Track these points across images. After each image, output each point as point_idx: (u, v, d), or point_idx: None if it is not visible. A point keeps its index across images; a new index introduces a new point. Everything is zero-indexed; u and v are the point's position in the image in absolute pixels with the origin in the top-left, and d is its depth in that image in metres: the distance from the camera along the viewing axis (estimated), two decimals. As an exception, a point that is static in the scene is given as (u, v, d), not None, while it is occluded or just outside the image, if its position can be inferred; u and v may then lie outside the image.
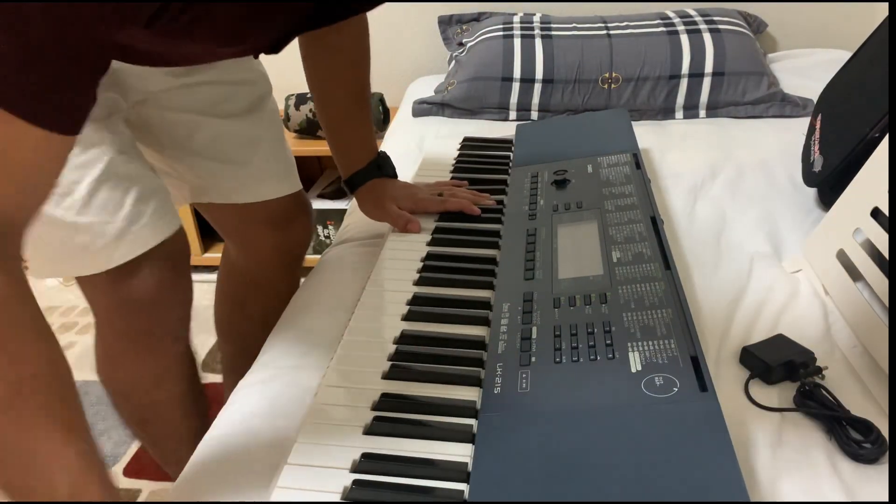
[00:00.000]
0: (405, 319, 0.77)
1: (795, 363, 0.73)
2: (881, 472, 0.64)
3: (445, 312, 0.78)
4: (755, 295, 0.88)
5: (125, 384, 0.97)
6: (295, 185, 1.07)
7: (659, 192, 1.16)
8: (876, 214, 0.80)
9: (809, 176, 1.08)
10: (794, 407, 0.70)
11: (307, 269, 1.08)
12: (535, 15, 1.68)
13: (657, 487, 0.51)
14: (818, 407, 0.69)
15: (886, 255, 0.76)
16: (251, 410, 0.75)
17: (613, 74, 1.52)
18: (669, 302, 0.70)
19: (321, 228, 1.99)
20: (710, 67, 1.50)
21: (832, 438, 0.67)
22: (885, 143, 0.81)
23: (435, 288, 0.83)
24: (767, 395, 0.73)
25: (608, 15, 1.67)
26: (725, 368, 0.76)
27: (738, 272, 0.93)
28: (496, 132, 1.37)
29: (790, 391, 0.72)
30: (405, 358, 0.71)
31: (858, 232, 0.83)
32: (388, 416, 0.64)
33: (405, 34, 1.94)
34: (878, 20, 1.14)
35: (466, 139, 1.28)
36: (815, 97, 1.25)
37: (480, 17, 1.81)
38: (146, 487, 1.32)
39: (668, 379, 0.61)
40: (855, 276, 0.82)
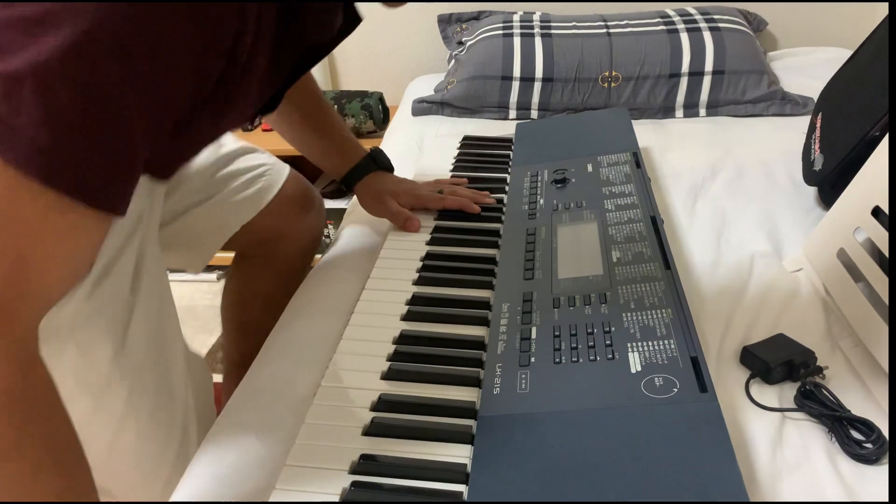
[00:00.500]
0: (404, 319, 0.77)
1: (796, 363, 0.73)
2: (882, 471, 0.63)
3: (444, 312, 0.78)
4: (755, 294, 0.88)
5: None
6: (280, 172, 1.06)
7: (659, 191, 1.15)
8: (877, 213, 0.80)
9: (810, 174, 1.08)
10: (794, 407, 0.70)
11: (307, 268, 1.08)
12: (534, 13, 1.67)
13: (657, 488, 0.51)
14: (819, 407, 0.69)
15: (887, 254, 0.76)
16: (247, 414, 0.75)
17: (613, 73, 1.51)
18: (669, 302, 0.70)
19: (321, 228, 1.99)
20: (710, 66, 1.49)
21: (833, 438, 0.67)
22: (885, 141, 0.81)
23: (434, 288, 0.83)
24: (768, 394, 0.72)
25: (608, 13, 1.66)
26: (726, 368, 0.76)
27: (738, 271, 0.93)
28: (496, 131, 1.36)
29: (791, 391, 0.72)
30: (404, 358, 0.71)
31: (859, 231, 0.83)
32: (386, 417, 0.64)
33: (405, 33, 1.93)
34: (878, 19, 1.13)
35: (466, 138, 1.28)
36: (815, 95, 1.25)
37: (480, 15, 1.81)
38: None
39: (667, 379, 0.60)
40: (856, 275, 0.82)
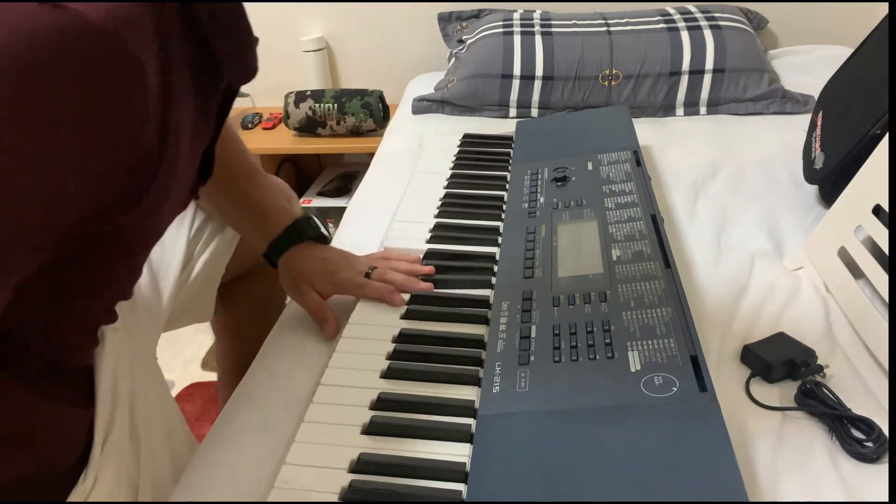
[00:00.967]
0: (403, 318, 0.77)
1: (796, 362, 0.73)
2: (882, 470, 0.63)
3: (444, 311, 0.78)
4: (756, 293, 0.88)
5: None
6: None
7: (659, 189, 1.15)
8: (877, 212, 0.79)
9: (811, 173, 1.08)
10: (795, 406, 0.70)
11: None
12: (535, 12, 1.67)
13: (656, 488, 0.51)
14: (819, 405, 0.69)
15: (888, 252, 0.76)
16: (246, 413, 0.75)
17: (614, 71, 1.51)
18: (669, 301, 0.70)
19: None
20: (710, 64, 1.49)
21: (833, 437, 0.67)
22: (886, 140, 0.81)
23: (434, 286, 0.82)
24: (768, 393, 0.72)
25: (608, 11, 1.66)
26: (726, 367, 0.76)
27: (738, 270, 0.93)
28: (496, 129, 1.36)
29: (791, 390, 0.72)
30: (404, 357, 0.71)
31: (860, 229, 0.82)
32: (385, 416, 0.64)
33: (405, 31, 1.93)
34: (878, 17, 1.13)
35: (466, 136, 1.28)
36: (816, 94, 1.24)
37: (480, 14, 1.81)
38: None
39: (667, 378, 0.60)
40: (856, 273, 0.82)
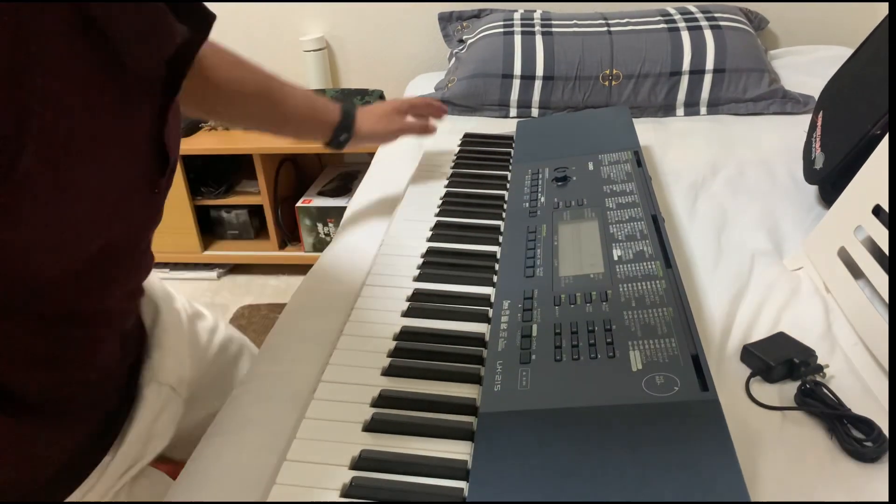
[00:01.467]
0: (405, 315, 0.77)
1: (796, 361, 0.73)
2: (882, 470, 0.63)
3: (445, 308, 0.78)
4: (756, 293, 0.88)
5: None
6: None
7: (660, 189, 1.15)
8: (877, 212, 0.80)
9: (811, 173, 1.08)
10: (794, 405, 0.70)
11: (307, 266, 1.08)
12: (535, 11, 1.67)
13: (657, 487, 0.51)
14: (819, 405, 0.69)
15: (888, 252, 0.76)
16: (248, 410, 0.75)
17: (614, 71, 1.51)
18: (670, 300, 0.70)
19: (321, 226, 1.99)
20: (711, 64, 1.49)
21: (833, 437, 0.67)
22: (886, 140, 0.81)
23: (435, 284, 0.83)
24: (768, 393, 0.72)
25: (609, 11, 1.66)
26: (726, 367, 0.76)
27: (738, 270, 0.93)
28: (497, 129, 1.36)
29: (791, 389, 0.72)
30: (405, 354, 0.71)
31: (860, 229, 0.83)
32: (387, 413, 0.64)
33: (405, 31, 1.93)
34: (879, 17, 1.13)
35: (467, 135, 1.28)
36: (816, 94, 1.25)
37: (481, 13, 1.81)
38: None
39: (668, 378, 0.60)
40: (856, 273, 0.82)
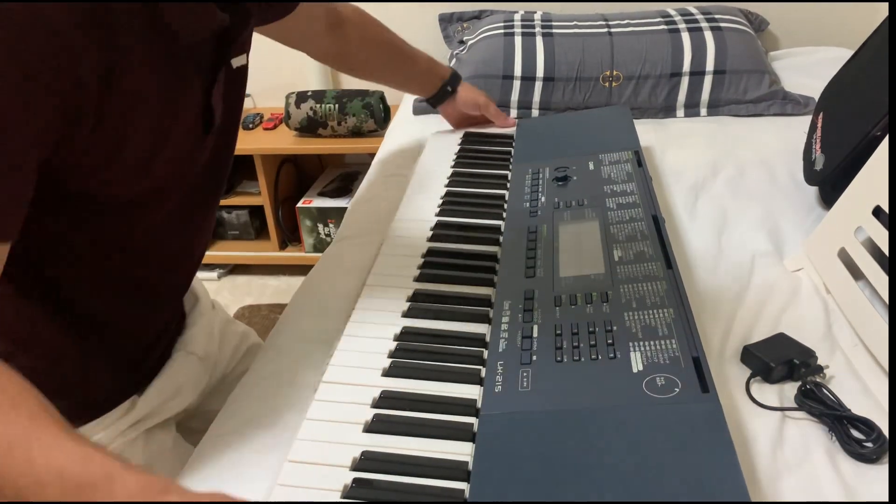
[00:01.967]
0: (405, 316, 0.77)
1: (796, 362, 0.73)
2: (882, 471, 0.64)
3: (446, 309, 0.78)
4: (756, 293, 0.88)
5: None
6: None
7: (660, 190, 1.15)
8: (877, 213, 0.80)
9: (811, 174, 1.08)
10: (795, 406, 0.70)
11: (308, 267, 1.08)
12: (535, 13, 1.67)
13: (658, 488, 0.51)
14: (819, 406, 0.69)
15: (888, 253, 0.76)
16: (249, 410, 0.75)
17: (614, 72, 1.51)
18: (671, 301, 0.70)
19: (321, 227, 1.99)
20: (711, 65, 1.49)
21: (833, 437, 0.67)
22: (886, 141, 0.81)
23: (436, 284, 0.83)
24: (768, 394, 0.73)
25: (609, 13, 1.66)
26: (726, 367, 0.76)
27: (739, 270, 0.93)
28: (497, 128, 1.36)
29: (791, 390, 0.72)
30: (406, 355, 0.71)
31: (860, 230, 0.83)
32: (388, 414, 0.64)
33: (406, 32, 1.92)
34: (879, 18, 1.13)
35: (468, 134, 1.27)
36: (816, 95, 1.25)
37: (481, 14, 1.81)
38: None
39: (669, 379, 0.60)
40: (856, 274, 0.82)
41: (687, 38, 1.51)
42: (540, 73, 1.52)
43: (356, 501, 0.55)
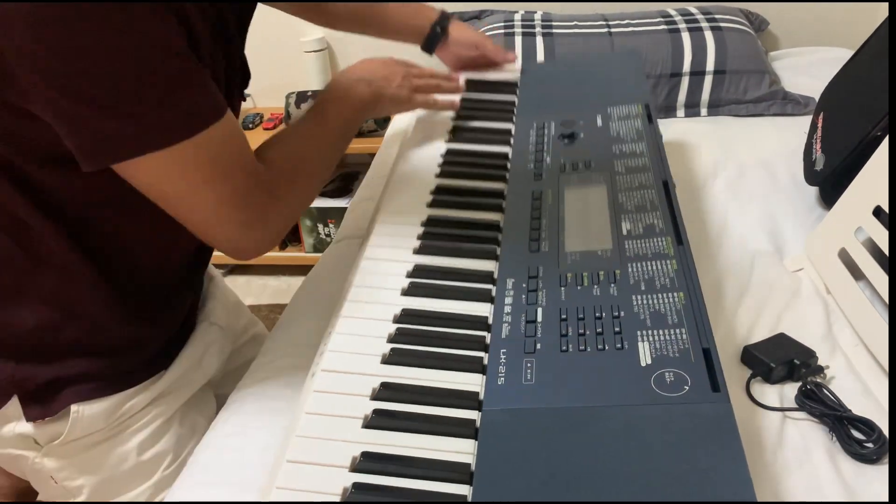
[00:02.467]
0: (405, 294, 0.74)
1: (797, 362, 0.73)
2: (882, 471, 0.64)
3: (448, 286, 0.75)
4: (756, 294, 0.88)
5: None
6: None
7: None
8: (878, 213, 0.80)
9: (811, 174, 1.08)
10: (795, 406, 0.70)
11: (308, 267, 1.08)
12: (536, 13, 1.67)
13: (665, 492, 0.51)
14: (819, 406, 0.69)
15: (888, 253, 0.76)
16: (250, 411, 0.75)
17: (615, 72, 1.51)
18: (681, 284, 0.68)
19: (321, 227, 1.99)
20: (711, 65, 1.49)
21: (833, 438, 0.67)
22: (886, 141, 0.81)
23: (437, 257, 0.79)
24: (769, 394, 0.73)
25: (609, 13, 1.66)
26: (727, 367, 0.76)
27: (739, 270, 0.93)
28: (500, 72, 1.23)
29: (791, 390, 0.72)
30: (406, 340, 0.69)
31: (860, 230, 0.83)
32: (388, 408, 0.62)
33: (406, 32, 1.93)
34: (879, 18, 1.13)
35: (469, 81, 1.17)
36: (817, 95, 1.25)
37: (481, 15, 1.81)
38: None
39: (679, 375, 0.59)
40: (857, 274, 0.82)
41: (687, 38, 1.51)
42: (540, 73, 1.52)
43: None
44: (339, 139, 0.81)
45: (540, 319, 0.67)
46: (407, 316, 0.71)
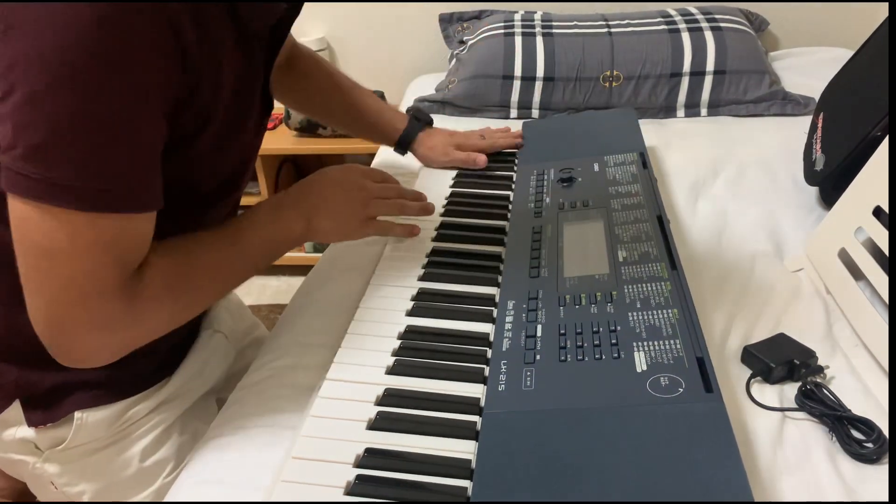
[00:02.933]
0: (410, 315, 0.77)
1: (797, 362, 0.73)
2: (882, 471, 0.64)
3: (450, 308, 0.78)
4: (756, 293, 0.88)
5: None
6: None
7: (661, 190, 1.15)
8: (878, 213, 0.80)
9: (811, 174, 1.08)
10: (795, 406, 0.70)
11: (308, 267, 1.08)
12: (536, 13, 1.67)
13: (661, 488, 0.51)
14: (819, 406, 0.69)
15: (888, 253, 0.76)
16: (250, 411, 0.75)
17: (615, 72, 1.51)
18: (676, 302, 0.70)
19: (322, 226, 1.99)
20: (711, 66, 1.49)
21: (833, 438, 0.67)
22: (886, 142, 0.81)
23: (440, 284, 0.82)
24: (768, 394, 0.73)
25: (609, 13, 1.67)
26: (726, 368, 0.76)
27: (739, 271, 0.93)
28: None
29: (791, 390, 0.72)
30: (409, 354, 0.71)
31: (860, 231, 0.83)
32: (391, 412, 0.64)
33: (406, 32, 1.93)
34: (879, 19, 1.14)
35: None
36: (816, 95, 1.25)
37: (481, 14, 1.81)
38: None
39: (673, 379, 0.60)
40: (857, 274, 0.82)
41: (687, 38, 1.52)
42: (540, 73, 1.52)
43: (359, 500, 0.55)
44: (248, 267, 0.73)
45: (539, 335, 0.70)
46: (411, 332, 0.74)
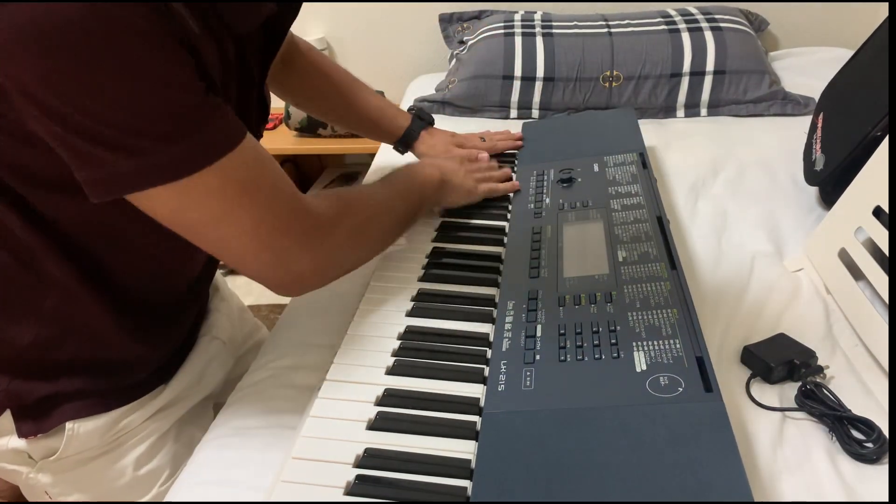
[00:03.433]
0: (409, 315, 0.77)
1: (797, 362, 0.73)
2: (882, 471, 0.64)
3: (450, 308, 0.78)
4: (756, 294, 0.88)
5: None
6: None
7: (661, 190, 1.15)
8: (878, 213, 0.80)
9: (811, 174, 1.08)
10: (795, 406, 0.70)
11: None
12: (535, 13, 1.67)
13: (661, 487, 0.51)
14: (819, 406, 0.69)
15: (888, 253, 0.76)
16: (250, 410, 0.75)
17: (615, 73, 1.51)
18: (675, 302, 0.70)
19: (322, 226, 1.99)
20: (711, 66, 1.49)
21: (833, 438, 0.67)
22: (886, 142, 0.81)
23: (439, 284, 0.82)
24: (768, 394, 0.73)
25: (609, 13, 1.66)
26: (726, 368, 0.76)
27: (739, 271, 0.93)
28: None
29: (791, 390, 0.72)
30: (409, 354, 0.71)
31: (860, 231, 0.83)
32: (391, 412, 0.64)
33: (406, 32, 1.93)
34: (879, 19, 1.14)
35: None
36: (816, 96, 1.25)
37: (481, 15, 1.81)
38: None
39: (672, 379, 0.60)
40: (857, 274, 0.82)
41: (687, 38, 1.52)
42: (540, 73, 1.52)
43: (359, 500, 0.55)
44: (401, 203, 0.81)
45: (539, 335, 0.70)
46: (411, 333, 0.74)
